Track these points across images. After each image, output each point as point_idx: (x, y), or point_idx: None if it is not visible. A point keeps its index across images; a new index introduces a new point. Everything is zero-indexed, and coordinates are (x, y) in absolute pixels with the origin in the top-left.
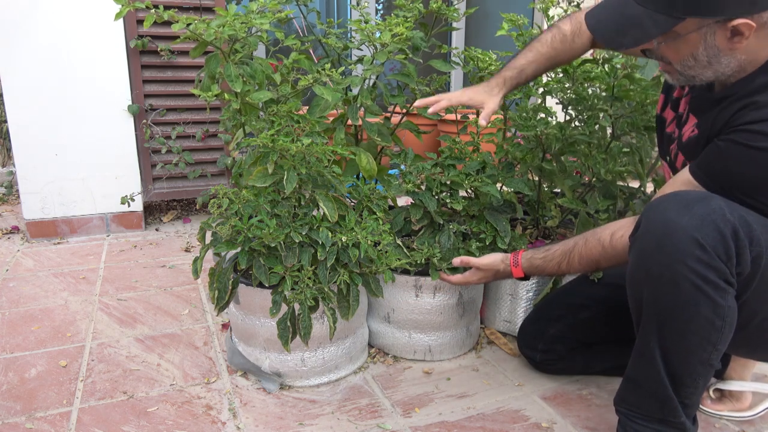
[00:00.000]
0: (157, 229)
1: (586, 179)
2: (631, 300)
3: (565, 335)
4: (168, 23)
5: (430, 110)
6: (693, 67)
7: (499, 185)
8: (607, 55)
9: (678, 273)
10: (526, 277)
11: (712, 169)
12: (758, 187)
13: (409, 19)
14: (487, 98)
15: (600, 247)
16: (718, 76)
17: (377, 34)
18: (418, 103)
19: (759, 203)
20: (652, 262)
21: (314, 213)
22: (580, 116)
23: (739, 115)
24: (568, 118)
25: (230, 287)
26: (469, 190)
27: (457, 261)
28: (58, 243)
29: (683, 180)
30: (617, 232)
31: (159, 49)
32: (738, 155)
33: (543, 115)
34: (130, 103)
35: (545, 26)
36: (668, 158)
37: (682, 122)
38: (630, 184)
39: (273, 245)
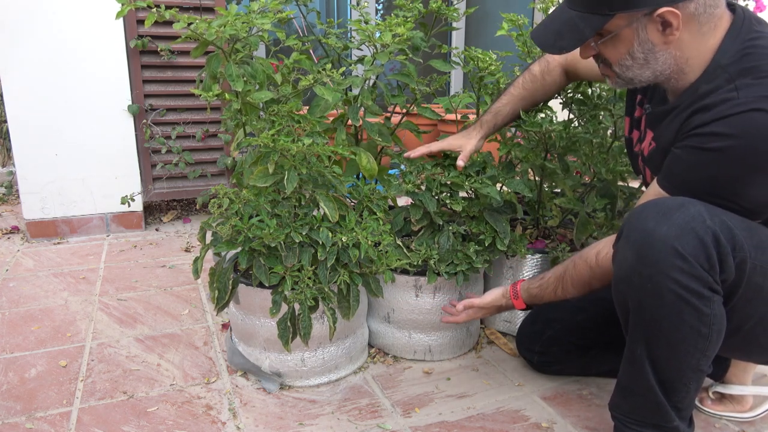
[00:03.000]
0: (157, 229)
1: (587, 179)
2: (617, 308)
3: (562, 338)
4: (168, 23)
5: (413, 155)
6: (631, 67)
7: (499, 186)
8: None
9: (660, 284)
10: (529, 307)
11: (676, 178)
12: (723, 187)
13: (409, 19)
14: (465, 142)
15: (588, 268)
16: (657, 76)
17: (377, 35)
18: (408, 154)
19: (730, 203)
20: (633, 273)
21: (314, 213)
22: (583, 116)
23: (689, 121)
24: (571, 117)
25: (230, 287)
26: (469, 191)
27: (460, 306)
28: (58, 243)
29: (654, 193)
30: (602, 251)
31: (159, 49)
32: (695, 159)
33: (543, 115)
34: (130, 103)
35: None
36: (642, 175)
37: (642, 138)
38: (630, 184)
39: (273, 245)
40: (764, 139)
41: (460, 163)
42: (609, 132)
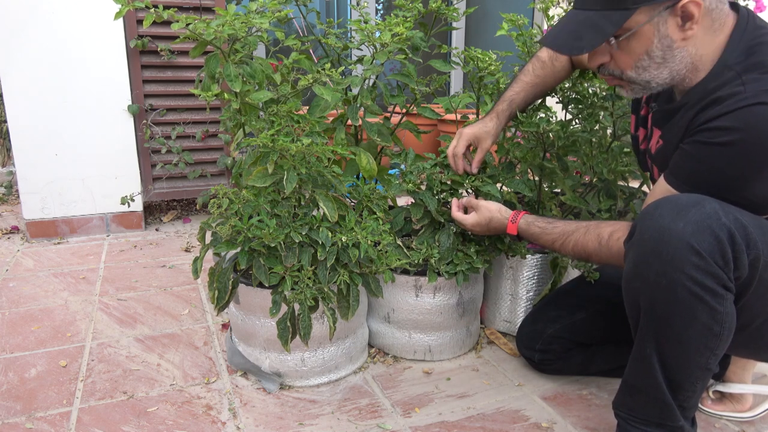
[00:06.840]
0: (157, 229)
1: (587, 179)
2: (627, 306)
3: (562, 336)
4: (168, 23)
5: (460, 171)
6: (648, 68)
7: (499, 185)
8: None
9: (675, 281)
10: (517, 237)
11: (684, 174)
12: (729, 181)
13: (408, 19)
14: (484, 136)
15: (597, 242)
16: (674, 76)
17: (377, 34)
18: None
19: (737, 197)
20: (648, 270)
21: (314, 213)
22: (580, 115)
23: (698, 117)
24: (569, 117)
25: (230, 287)
26: (469, 190)
27: (464, 201)
28: (58, 243)
29: (662, 190)
30: (616, 232)
31: (159, 49)
32: (704, 155)
33: (543, 115)
34: (130, 103)
35: (545, 26)
36: (649, 172)
37: (649, 137)
38: (630, 184)
39: (273, 245)
40: None
41: (474, 170)
42: (609, 131)
